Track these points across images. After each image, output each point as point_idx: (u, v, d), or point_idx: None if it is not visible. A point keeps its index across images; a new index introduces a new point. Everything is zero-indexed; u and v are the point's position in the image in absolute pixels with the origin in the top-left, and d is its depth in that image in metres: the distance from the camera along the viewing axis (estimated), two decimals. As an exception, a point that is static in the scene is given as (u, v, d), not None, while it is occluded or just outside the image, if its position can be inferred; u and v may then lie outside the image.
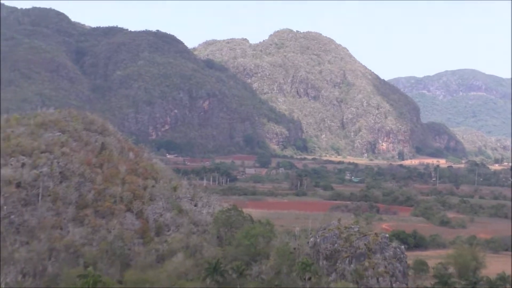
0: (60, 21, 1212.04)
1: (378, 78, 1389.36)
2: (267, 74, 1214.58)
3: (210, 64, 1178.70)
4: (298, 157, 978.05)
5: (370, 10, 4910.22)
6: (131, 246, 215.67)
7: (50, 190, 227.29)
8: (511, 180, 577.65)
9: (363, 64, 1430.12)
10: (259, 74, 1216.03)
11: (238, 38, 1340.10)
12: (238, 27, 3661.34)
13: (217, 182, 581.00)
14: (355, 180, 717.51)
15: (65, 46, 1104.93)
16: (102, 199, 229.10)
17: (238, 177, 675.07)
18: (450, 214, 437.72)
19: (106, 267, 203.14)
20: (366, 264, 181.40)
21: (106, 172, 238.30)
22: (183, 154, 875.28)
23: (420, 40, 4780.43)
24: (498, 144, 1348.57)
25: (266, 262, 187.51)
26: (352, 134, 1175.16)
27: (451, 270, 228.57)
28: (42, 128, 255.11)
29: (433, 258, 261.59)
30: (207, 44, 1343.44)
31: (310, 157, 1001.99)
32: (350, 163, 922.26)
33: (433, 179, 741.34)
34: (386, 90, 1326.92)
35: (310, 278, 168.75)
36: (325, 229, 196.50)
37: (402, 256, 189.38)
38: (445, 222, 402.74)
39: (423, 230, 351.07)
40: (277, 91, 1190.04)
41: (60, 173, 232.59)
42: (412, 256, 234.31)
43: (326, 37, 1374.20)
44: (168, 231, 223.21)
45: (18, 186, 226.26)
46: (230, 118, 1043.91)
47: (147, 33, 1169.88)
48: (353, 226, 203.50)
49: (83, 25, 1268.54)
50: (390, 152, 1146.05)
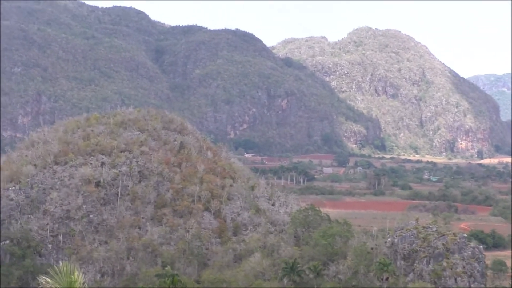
0: (140, 20, 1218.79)
1: (457, 76, 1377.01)
2: (346, 72, 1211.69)
3: (288, 62, 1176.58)
4: (376, 156, 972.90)
5: (449, 7, 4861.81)
6: (209, 245, 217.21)
7: (129, 189, 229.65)
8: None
9: (442, 61, 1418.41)
10: (338, 73, 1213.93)
11: (316, 36, 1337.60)
12: (316, 25, 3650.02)
13: (294, 182, 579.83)
14: (434, 179, 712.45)
15: (144, 45, 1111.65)
16: (180, 198, 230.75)
17: (315, 176, 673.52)
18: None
19: (184, 267, 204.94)
20: (444, 264, 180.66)
21: (184, 171, 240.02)
22: (261, 153, 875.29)
23: (500, 36, 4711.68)
24: None
25: (343, 262, 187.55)
26: (430, 132, 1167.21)
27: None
28: (121, 127, 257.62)
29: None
30: (286, 42, 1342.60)
31: (388, 156, 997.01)
32: (428, 162, 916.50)
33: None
34: (465, 88, 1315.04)
35: (387, 278, 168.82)
36: (402, 228, 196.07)
37: (480, 256, 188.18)
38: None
39: (502, 230, 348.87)
40: (355, 90, 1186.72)
41: (139, 172, 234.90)
42: (490, 256, 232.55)
43: (405, 34, 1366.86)
44: (245, 231, 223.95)
45: (98, 185, 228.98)
46: (308, 117, 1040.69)
47: (226, 31, 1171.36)
48: (431, 226, 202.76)
49: (163, 24, 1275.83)
50: (469, 151, 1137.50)
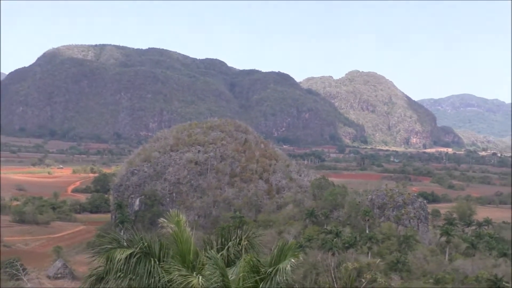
0: (221, 66, 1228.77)
1: (410, 99, 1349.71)
2: (344, 97, 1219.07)
3: (309, 91, 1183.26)
4: (362, 147, 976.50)
5: (405, 57, 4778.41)
6: (262, 199, 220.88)
7: (214, 166, 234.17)
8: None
9: (401, 90, 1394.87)
10: (339, 97, 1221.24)
11: (326, 75, 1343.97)
12: (326, 69, 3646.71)
13: (312, 162, 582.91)
14: (396, 161, 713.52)
15: (224, 81, 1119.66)
16: (244, 172, 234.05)
17: (325, 159, 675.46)
18: (454, 181, 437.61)
19: (247, 212, 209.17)
20: (403, 211, 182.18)
21: (247, 155, 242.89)
22: (293, 145, 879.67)
23: (436, 74, 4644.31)
24: (484, 139, 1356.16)
25: (342, 210, 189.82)
26: (395, 133, 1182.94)
27: (455, 215, 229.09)
28: (210, 129, 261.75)
29: (443, 208, 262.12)
30: (308, 79, 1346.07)
31: (369, 147, 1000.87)
32: (393, 151, 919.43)
33: (444, 160, 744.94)
34: (415, 106, 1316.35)
35: (368, 220, 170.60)
36: (377, 190, 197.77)
37: (424, 207, 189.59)
38: (451, 186, 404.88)
39: (437, 191, 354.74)
40: (349, 107, 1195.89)
41: (220, 156, 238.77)
42: (430, 207, 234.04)
43: (379, 74, 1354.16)
44: (283, 191, 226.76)
45: (196, 163, 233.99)
46: (321, 124, 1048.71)
47: (272, 73, 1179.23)
48: (395, 189, 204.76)
49: (235, 68, 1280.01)
50: (418, 144, 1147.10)
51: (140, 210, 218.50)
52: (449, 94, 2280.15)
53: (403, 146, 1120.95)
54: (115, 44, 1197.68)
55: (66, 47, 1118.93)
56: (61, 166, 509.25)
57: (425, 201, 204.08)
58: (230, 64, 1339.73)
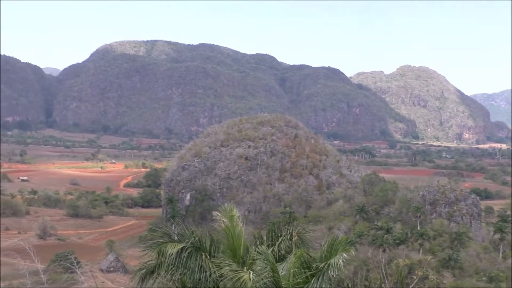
0: (271, 61, 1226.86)
1: (463, 94, 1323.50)
2: (395, 92, 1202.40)
3: (360, 86, 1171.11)
4: (413, 142, 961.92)
5: (459, 52, 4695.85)
6: (312, 195, 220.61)
7: (264, 161, 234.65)
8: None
9: (454, 85, 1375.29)
10: (390, 92, 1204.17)
11: (377, 70, 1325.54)
12: (377, 63, 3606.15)
13: (363, 158, 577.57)
14: (448, 156, 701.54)
15: (274, 76, 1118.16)
16: (294, 167, 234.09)
17: (376, 154, 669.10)
18: (508, 178, 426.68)
19: (297, 207, 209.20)
20: (455, 208, 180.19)
21: (297, 150, 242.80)
22: (343, 140, 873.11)
23: (492, 67, 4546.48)
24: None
25: (392, 206, 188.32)
26: (447, 128, 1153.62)
27: (509, 212, 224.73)
28: (260, 124, 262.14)
29: (497, 205, 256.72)
30: (358, 74, 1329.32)
31: (420, 142, 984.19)
32: (445, 146, 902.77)
33: (497, 156, 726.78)
34: (468, 101, 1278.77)
35: (419, 216, 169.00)
36: (429, 186, 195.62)
37: (477, 203, 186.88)
38: (505, 183, 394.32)
39: (491, 188, 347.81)
40: (400, 103, 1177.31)
41: (270, 151, 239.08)
42: (483, 204, 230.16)
43: (431, 69, 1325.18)
44: (334, 187, 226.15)
45: (246, 159, 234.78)
46: (371, 119, 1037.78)
47: (323, 68, 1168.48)
48: (447, 185, 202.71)
49: (285, 63, 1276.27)
50: (471, 139, 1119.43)
51: (190, 205, 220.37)
52: (503, 89, 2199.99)
53: (456, 141, 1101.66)
54: (166, 40, 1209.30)
55: (119, 43, 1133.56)
56: (113, 161, 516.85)
57: (478, 197, 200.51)
58: (280, 59, 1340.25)
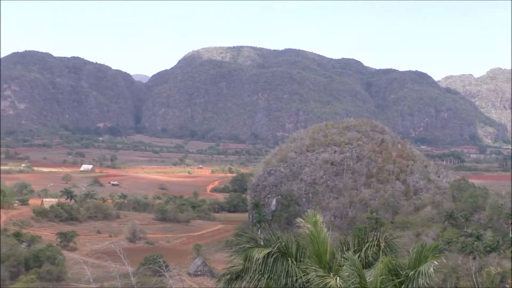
0: (357, 65, 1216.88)
1: None
2: (485, 96, 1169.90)
3: (448, 90, 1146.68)
4: (504, 147, 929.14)
5: None
6: (399, 201, 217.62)
7: (351, 166, 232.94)
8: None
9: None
10: (479, 96, 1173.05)
11: (466, 74, 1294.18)
12: (466, 66, 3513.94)
13: (452, 163, 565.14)
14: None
15: (360, 80, 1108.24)
16: (381, 172, 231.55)
17: (465, 159, 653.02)
18: None
19: (383, 213, 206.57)
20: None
21: (384, 156, 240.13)
22: (431, 145, 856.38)
23: None
24: None
25: (482, 213, 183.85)
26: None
27: None
28: (346, 129, 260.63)
29: None
30: (447, 78, 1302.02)
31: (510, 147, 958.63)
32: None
33: None
34: None
35: (511, 223, 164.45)
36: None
37: None
38: None
39: None
40: (490, 106, 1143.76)
41: (356, 156, 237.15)
42: None
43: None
44: (421, 192, 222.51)
45: (332, 164, 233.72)
46: (460, 123, 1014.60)
47: (410, 72, 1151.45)
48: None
49: (371, 68, 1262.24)
50: None
51: (276, 210, 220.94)
52: None
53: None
54: (252, 45, 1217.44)
55: (206, 50, 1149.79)
56: (200, 166, 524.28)
57: None
58: (366, 63, 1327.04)
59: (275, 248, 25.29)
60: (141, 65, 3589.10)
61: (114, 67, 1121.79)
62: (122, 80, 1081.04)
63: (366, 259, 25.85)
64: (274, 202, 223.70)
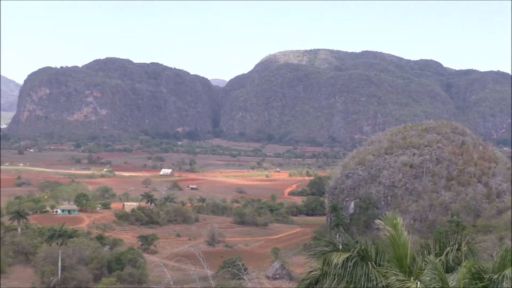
0: (436, 66, 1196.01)
1: None
2: None
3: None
4: None
5: None
6: (480, 204, 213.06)
7: (430, 169, 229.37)
8: None
9: None
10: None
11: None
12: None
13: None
14: None
15: (439, 82, 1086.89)
16: (462, 175, 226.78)
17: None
18: None
19: (464, 216, 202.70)
20: None
21: (464, 158, 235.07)
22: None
23: None
24: None
25: None
26: None
27: None
28: (425, 131, 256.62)
29: None
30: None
31: None
32: None
33: None
34: None
35: None
36: None
37: None
38: None
39: None
40: None
41: (436, 158, 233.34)
42: None
43: None
44: (504, 195, 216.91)
45: (411, 166, 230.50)
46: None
47: (491, 72, 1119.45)
48: None
49: (451, 68, 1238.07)
50: None
51: (355, 213, 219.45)
52: None
53: None
54: (329, 48, 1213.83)
55: (282, 53, 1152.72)
56: (278, 169, 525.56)
57: None
58: (445, 64, 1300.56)
59: (355, 252, 25.14)
60: (218, 69, 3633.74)
61: (192, 72, 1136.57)
62: (200, 85, 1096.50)
63: (447, 263, 25.44)
64: (352, 205, 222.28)
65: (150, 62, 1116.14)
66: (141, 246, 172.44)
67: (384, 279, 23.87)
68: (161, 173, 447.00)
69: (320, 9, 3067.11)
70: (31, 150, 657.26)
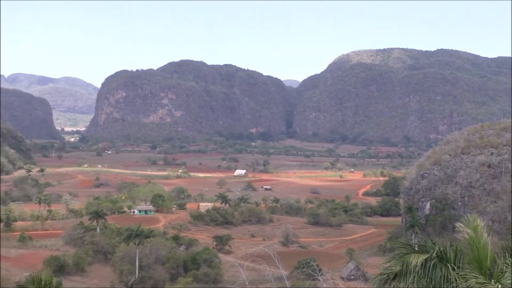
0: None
1: None
2: None
3: None
4: None
5: None
6: None
7: (509, 169, 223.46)
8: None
9: None
10: None
11: None
12: None
13: None
14: None
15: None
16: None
17: None
18: None
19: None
20: None
21: None
22: None
23: None
24: None
25: None
26: None
27: None
28: (503, 130, 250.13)
29: None
30: None
31: None
32: None
33: None
34: None
35: None
36: None
37: None
38: None
39: None
40: None
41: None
42: None
43: None
44: None
45: (489, 166, 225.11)
46: None
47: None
48: None
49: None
50: None
51: (430, 214, 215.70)
52: None
53: None
54: (403, 47, 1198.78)
55: (355, 53, 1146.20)
56: (352, 170, 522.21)
57: None
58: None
59: (433, 253, 24.83)
60: (291, 70, 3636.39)
61: (265, 73, 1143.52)
62: (273, 85, 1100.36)
63: (530, 266, 24.80)
64: (428, 206, 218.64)
65: (224, 64, 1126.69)
66: (216, 246, 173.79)
67: (463, 281, 23.50)
68: (235, 174, 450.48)
69: (393, 8, 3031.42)
70: (109, 152, 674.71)
